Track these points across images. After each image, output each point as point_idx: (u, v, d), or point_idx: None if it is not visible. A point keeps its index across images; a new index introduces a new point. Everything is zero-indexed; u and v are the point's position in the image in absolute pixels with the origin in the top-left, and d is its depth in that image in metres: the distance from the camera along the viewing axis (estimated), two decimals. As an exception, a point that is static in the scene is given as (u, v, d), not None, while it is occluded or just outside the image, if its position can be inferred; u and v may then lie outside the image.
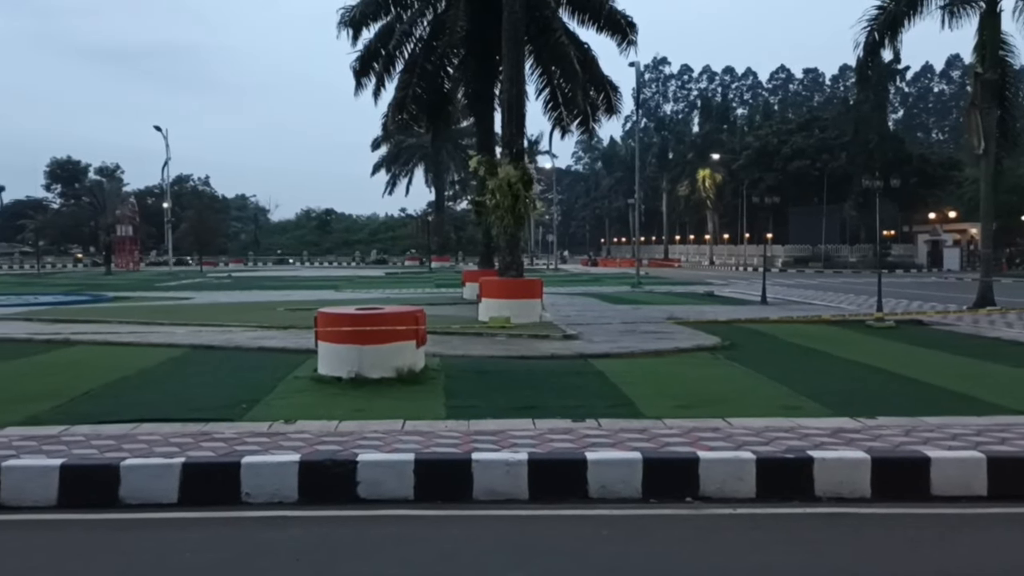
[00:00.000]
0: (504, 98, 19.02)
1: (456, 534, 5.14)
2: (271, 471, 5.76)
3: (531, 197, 18.10)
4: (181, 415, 7.50)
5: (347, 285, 35.52)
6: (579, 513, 5.47)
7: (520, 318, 15.46)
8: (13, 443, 6.39)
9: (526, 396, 8.55)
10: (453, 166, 77.76)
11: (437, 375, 9.84)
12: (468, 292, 23.36)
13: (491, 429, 6.87)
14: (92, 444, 6.38)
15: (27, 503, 5.59)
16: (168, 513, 5.52)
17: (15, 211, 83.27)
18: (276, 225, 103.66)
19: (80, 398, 8.45)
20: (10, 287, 34.52)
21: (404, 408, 7.80)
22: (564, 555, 4.76)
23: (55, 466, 5.73)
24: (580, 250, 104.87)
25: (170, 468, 5.76)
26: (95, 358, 11.61)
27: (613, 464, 5.83)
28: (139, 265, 64.99)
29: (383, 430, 6.85)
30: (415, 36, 25.53)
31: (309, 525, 5.27)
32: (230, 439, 6.55)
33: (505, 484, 5.75)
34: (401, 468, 5.78)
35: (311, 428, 6.95)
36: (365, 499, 5.69)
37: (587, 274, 53.56)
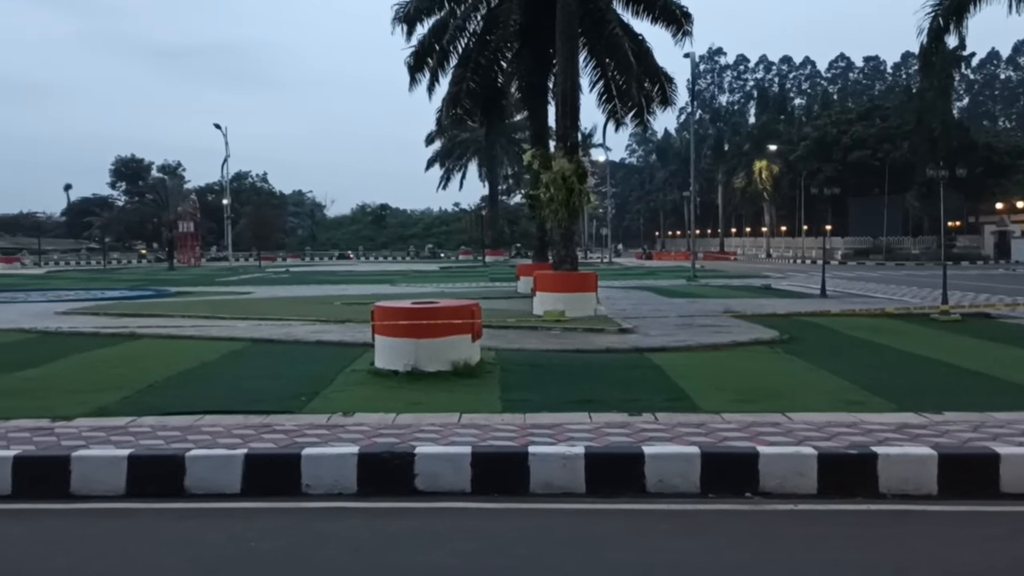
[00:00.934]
0: (558, 91, 18.95)
1: (513, 527, 5.15)
2: (330, 463, 5.84)
3: (585, 190, 18.02)
4: (243, 407, 7.64)
5: (402, 279, 35.84)
6: (636, 507, 5.44)
7: (575, 312, 15.41)
8: (83, 434, 6.59)
9: (582, 390, 8.52)
10: (507, 160, 77.78)
11: (493, 369, 9.86)
12: (522, 286, 23.40)
13: (547, 423, 6.86)
14: (158, 435, 6.54)
15: (97, 492, 5.75)
16: (231, 503, 5.63)
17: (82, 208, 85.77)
18: (332, 220, 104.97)
19: (146, 390, 8.66)
20: (78, 282, 35.56)
21: (460, 401, 7.84)
22: (622, 548, 4.73)
23: (123, 456, 5.89)
24: (634, 243, 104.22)
25: (233, 459, 5.87)
26: (159, 351, 11.90)
27: (671, 458, 5.78)
28: (200, 261, 66.35)
29: (440, 423, 6.89)
30: (469, 31, 25.55)
31: (368, 516, 5.34)
32: (290, 431, 6.66)
33: (562, 477, 5.74)
34: (458, 461, 5.81)
35: (369, 421, 7.02)
36: (423, 491, 5.73)
37: (641, 267, 53.21)
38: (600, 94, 25.21)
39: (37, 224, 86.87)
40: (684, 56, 33.34)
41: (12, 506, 5.61)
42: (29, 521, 5.36)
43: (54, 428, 6.82)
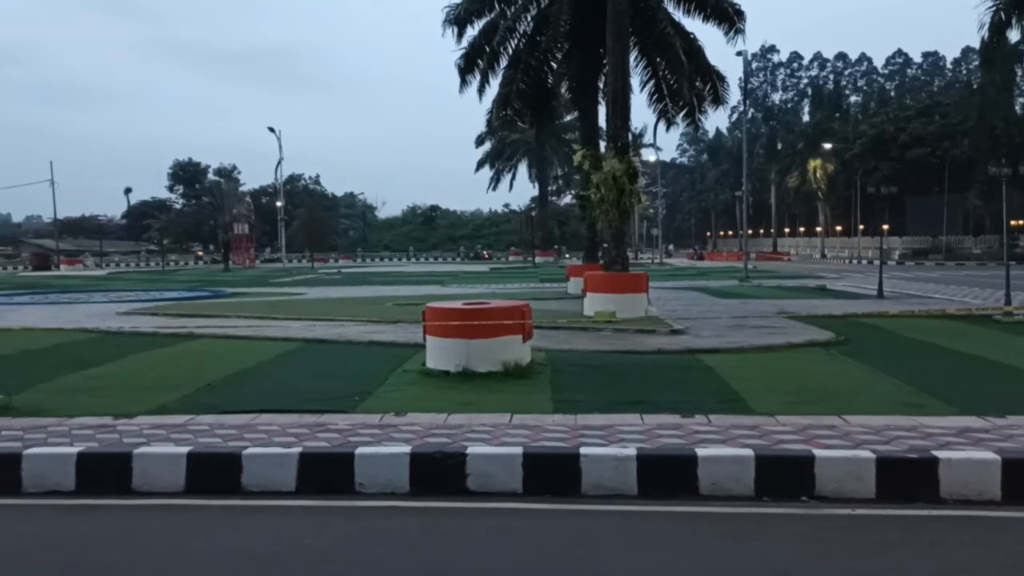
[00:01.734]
0: (608, 91, 18.87)
1: (566, 528, 5.14)
2: (383, 462, 5.89)
3: (636, 191, 17.91)
4: (297, 406, 7.75)
5: (452, 280, 36.02)
6: (690, 510, 5.38)
7: (626, 313, 15.33)
8: (144, 431, 6.74)
9: (633, 391, 8.47)
10: (556, 161, 77.74)
11: (543, 369, 9.86)
12: (573, 287, 23.35)
13: (599, 424, 6.84)
14: (216, 433, 6.67)
15: (157, 489, 5.88)
16: (286, 500, 5.71)
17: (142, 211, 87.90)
18: (383, 222, 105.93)
19: (204, 389, 8.83)
20: (138, 283, 36.44)
21: (511, 402, 7.85)
22: (676, 551, 4.69)
23: (182, 454, 6.01)
24: (685, 244, 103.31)
25: (288, 457, 5.96)
26: (216, 351, 12.13)
27: (724, 461, 5.72)
28: (255, 262, 67.48)
29: (491, 423, 6.91)
30: (519, 32, 25.61)
31: (420, 515, 5.37)
32: (344, 430, 6.73)
33: (614, 479, 5.72)
34: (510, 461, 5.82)
35: (421, 420, 7.07)
36: (474, 491, 5.75)
37: (693, 268, 52.72)
38: (651, 93, 25.08)
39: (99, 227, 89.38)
40: (736, 54, 33.03)
41: (76, 501, 5.77)
42: (92, 516, 5.49)
43: (116, 426, 6.99)
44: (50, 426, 6.99)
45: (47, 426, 6.99)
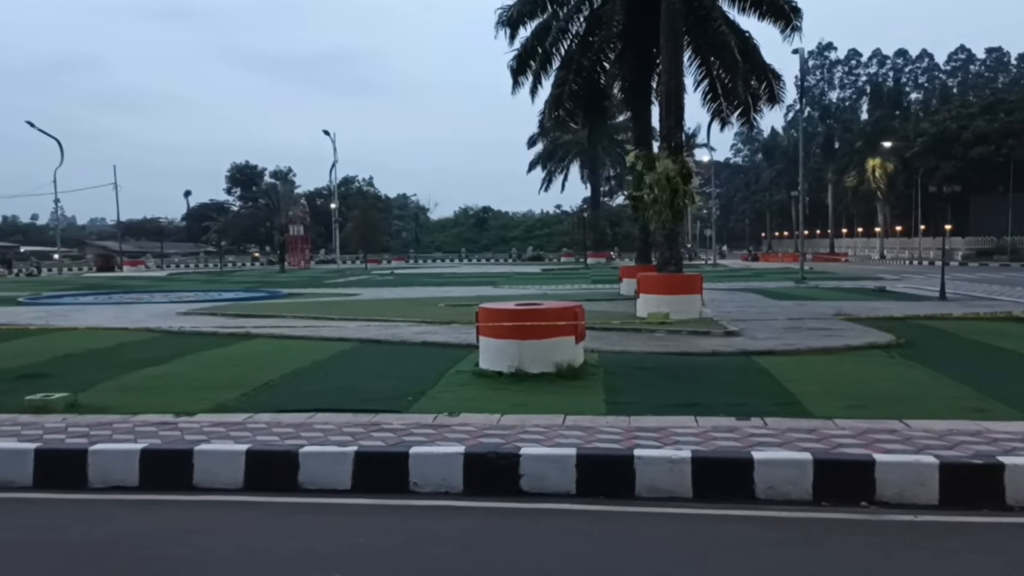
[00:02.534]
0: (662, 91, 18.73)
1: (620, 530, 5.11)
2: (437, 462, 5.93)
3: (690, 191, 17.75)
4: (352, 406, 7.83)
5: (504, 281, 36.07)
6: (745, 513, 5.32)
7: (679, 314, 15.20)
8: (204, 429, 6.89)
9: (687, 393, 8.40)
10: (609, 161, 77.35)
11: (596, 371, 9.82)
12: (625, 288, 23.24)
13: (652, 426, 6.79)
14: (273, 431, 6.78)
15: (217, 485, 6.01)
16: (342, 499, 5.78)
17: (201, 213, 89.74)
18: (435, 223, 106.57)
19: (261, 388, 8.98)
20: (197, 284, 37.21)
21: (564, 403, 7.83)
22: (731, 555, 4.64)
23: (241, 451, 6.13)
24: (739, 245, 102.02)
25: (344, 456, 6.03)
26: (273, 350, 12.32)
27: (781, 464, 5.63)
28: (310, 263, 68.41)
29: (544, 424, 6.91)
30: (571, 32, 25.54)
31: (475, 515, 5.39)
32: (398, 430, 6.79)
33: (668, 481, 5.67)
34: (563, 462, 5.81)
35: (474, 421, 7.10)
36: (528, 492, 5.76)
37: (747, 269, 52.04)
38: (705, 93, 24.82)
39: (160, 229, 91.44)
40: (793, 52, 32.47)
41: (139, 497, 5.92)
42: (155, 511, 5.63)
43: (178, 423, 7.15)
44: (114, 423, 7.18)
45: (112, 423, 7.18)
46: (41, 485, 6.14)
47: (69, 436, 6.69)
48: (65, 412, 7.66)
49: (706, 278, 20.06)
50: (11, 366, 10.72)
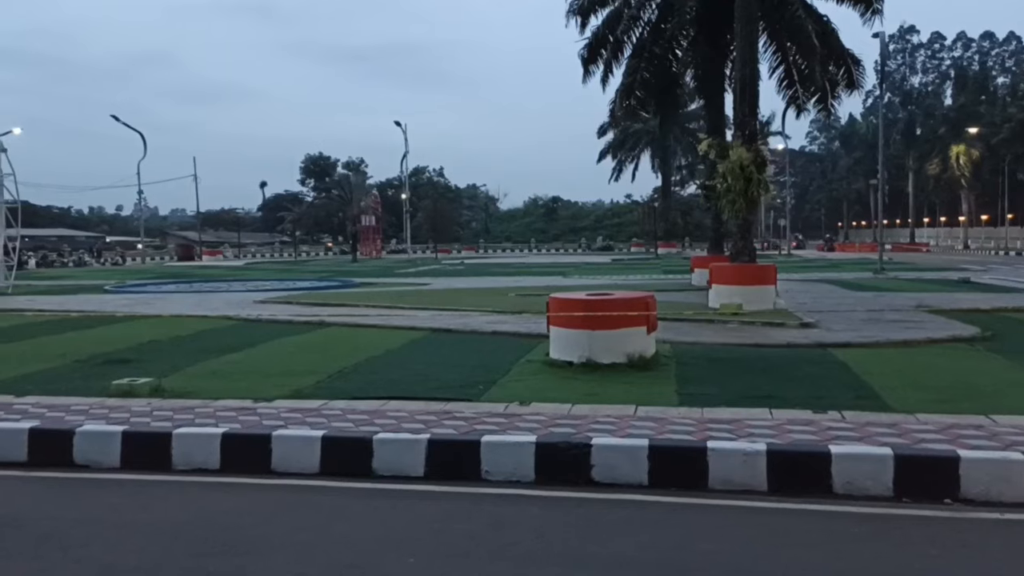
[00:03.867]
0: (736, 77, 18.39)
1: (693, 522, 5.07)
2: (509, 450, 5.96)
3: (764, 180, 17.38)
4: (424, 394, 7.92)
5: (574, 271, 35.99)
6: (823, 508, 5.21)
7: (753, 305, 14.95)
8: (281, 414, 7.05)
9: (761, 385, 8.26)
10: (680, 150, 76.32)
11: (668, 361, 9.73)
12: (697, 278, 22.97)
13: (726, 418, 6.70)
14: (348, 418, 6.90)
15: (294, 469, 6.15)
16: (415, 485, 5.86)
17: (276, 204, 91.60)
18: (505, 213, 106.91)
19: (336, 375, 9.15)
20: (272, 273, 38.07)
21: (636, 393, 7.78)
22: (807, 550, 4.55)
23: (317, 437, 6.26)
24: (814, 235, 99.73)
25: (417, 443, 6.10)
26: (346, 339, 12.53)
27: (861, 459, 5.50)
28: (381, 253, 69.34)
29: (616, 415, 6.87)
30: (643, 20, 25.24)
31: (546, 504, 5.40)
32: (469, 418, 6.84)
33: (742, 474, 5.59)
34: (635, 453, 5.78)
35: (545, 410, 7.10)
36: (599, 482, 5.74)
37: (823, 259, 50.88)
38: (780, 79, 24.27)
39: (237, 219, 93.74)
40: (873, 36, 31.36)
41: (220, 479, 6.10)
42: (236, 494, 5.79)
43: (256, 408, 7.34)
44: (196, 407, 7.40)
45: (194, 407, 7.40)
46: (128, 466, 6.37)
47: (154, 420, 6.92)
48: (150, 396, 7.93)
49: (780, 268, 19.66)
50: (99, 351, 11.14)
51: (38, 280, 32.91)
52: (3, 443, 6.58)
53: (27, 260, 45.58)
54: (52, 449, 6.50)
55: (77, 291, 25.79)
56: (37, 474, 6.29)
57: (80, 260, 58.14)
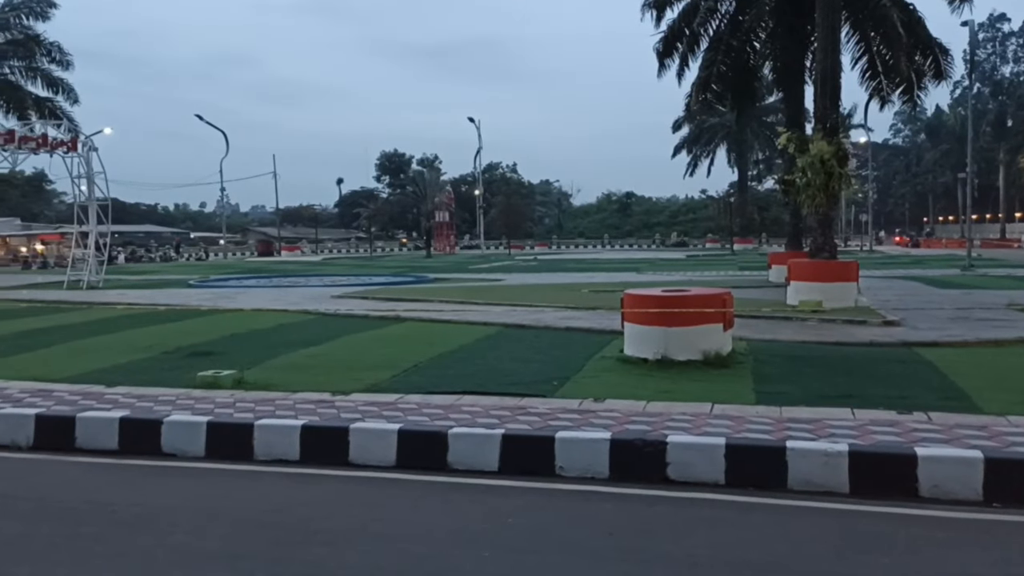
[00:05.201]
0: (817, 69, 17.94)
1: (771, 522, 4.98)
2: (583, 447, 5.94)
3: (845, 174, 16.95)
4: (498, 389, 7.95)
5: (648, 267, 35.67)
6: (907, 512, 5.05)
7: (833, 302, 14.59)
8: (358, 408, 7.17)
9: (842, 384, 8.06)
10: (757, 144, 75.06)
11: (745, 359, 9.57)
12: (774, 275, 22.54)
13: (805, 417, 6.56)
14: (423, 412, 6.97)
15: (371, 462, 6.25)
16: (489, 480, 5.89)
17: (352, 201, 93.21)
18: (578, 209, 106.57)
19: (411, 369, 9.26)
20: (348, 268, 38.74)
21: (712, 391, 7.68)
22: (891, 554, 4.42)
23: (394, 430, 6.34)
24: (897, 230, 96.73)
25: (491, 438, 6.14)
26: (421, 333, 12.67)
27: (948, 462, 5.32)
28: (454, 249, 69.90)
29: (691, 412, 6.79)
30: (720, 12, 24.87)
31: (620, 501, 5.37)
32: (543, 414, 6.84)
33: (823, 475, 5.47)
34: (712, 452, 5.70)
35: (620, 407, 7.06)
36: (674, 480, 5.68)
37: (907, 256, 49.32)
38: (863, 71, 23.61)
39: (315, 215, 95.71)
40: (962, 24, 30.30)
41: (299, 470, 6.23)
42: (314, 484, 5.91)
43: (334, 401, 7.48)
44: (277, 400, 7.58)
45: (274, 400, 7.59)
46: (212, 455, 6.57)
47: (237, 411, 7.12)
48: (232, 388, 8.15)
49: (862, 265, 19.14)
50: (184, 344, 11.51)
51: (127, 275, 34.20)
52: (96, 431, 6.86)
53: (117, 255, 47.35)
54: (141, 438, 6.75)
55: (163, 285, 26.71)
56: (127, 461, 6.54)
57: (166, 255, 60.18)
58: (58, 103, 36.94)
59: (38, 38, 36.55)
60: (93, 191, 27.41)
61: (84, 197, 27.52)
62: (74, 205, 29.06)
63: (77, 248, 28.89)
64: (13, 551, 4.64)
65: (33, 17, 36.53)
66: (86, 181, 27.24)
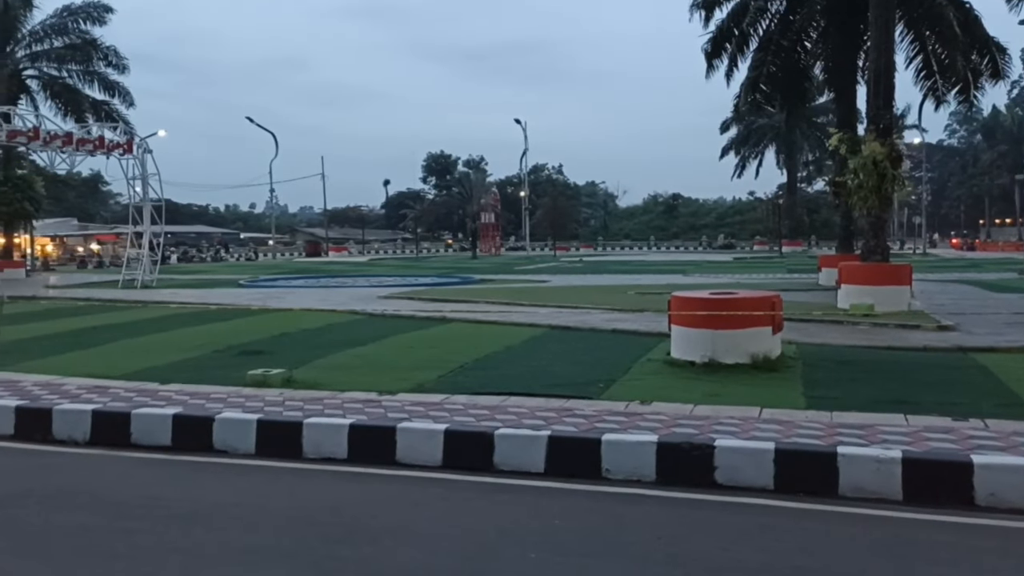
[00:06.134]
0: (870, 68, 17.62)
1: (821, 530, 4.90)
2: (630, 449, 5.91)
3: (899, 176, 16.60)
4: (544, 390, 7.95)
5: (694, 269, 35.38)
6: (962, 521, 4.94)
7: (885, 306, 14.33)
8: (405, 407, 7.22)
9: (895, 390, 7.90)
10: (807, 146, 74.07)
11: (794, 363, 9.44)
12: (824, 278, 22.22)
13: (857, 423, 6.45)
14: (469, 412, 7.00)
15: (417, 461, 6.29)
16: (535, 481, 5.88)
17: (398, 202, 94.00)
18: (624, 210, 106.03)
19: (457, 370, 9.30)
20: (395, 269, 39.04)
21: (760, 395, 7.58)
22: (944, 564, 4.33)
23: (440, 430, 6.37)
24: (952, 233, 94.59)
25: (537, 439, 6.14)
26: (467, 334, 12.72)
27: (1006, 470, 5.19)
28: (500, 250, 70.01)
29: (739, 416, 6.72)
30: (770, 12, 24.59)
31: (667, 505, 5.34)
32: (590, 416, 6.82)
33: (875, 482, 5.37)
34: (760, 456, 5.63)
35: (666, 410, 7.01)
36: (722, 485, 5.63)
37: (962, 259, 48.24)
38: (918, 70, 23.17)
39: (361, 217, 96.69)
40: (1020, 23, 29.51)
41: (347, 468, 6.29)
42: (362, 483, 5.97)
43: (381, 401, 7.54)
44: (325, 399, 7.67)
45: (322, 399, 7.67)
46: (262, 453, 6.67)
47: (286, 409, 7.21)
48: (282, 387, 8.26)
49: (915, 268, 18.78)
50: (234, 343, 11.71)
51: (179, 274, 34.88)
52: (151, 428, 7.01)
53: (169, 255, 48.32)
54: (193, 434, 6.87)
55: (214, 285, 27.19)
56: (180, 457, 6.67)
57: (217, 255, 61.23)
58: (114, 106, 37.79)
59: (95, 42, 37.41)
60: (147, 192, 28.03)
61: (139, 198, 28.17)
62: (129, 206, 29.75)
63: (131, 248, 29.55)
64: (72, 544, 4.76)
65: (90, 22, 37.38)
66: (140, 182, 27.89)
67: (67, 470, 6.48)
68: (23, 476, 6.34)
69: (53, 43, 37.61)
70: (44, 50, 37.65)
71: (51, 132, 25.68)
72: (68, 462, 6.69)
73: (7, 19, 36.07)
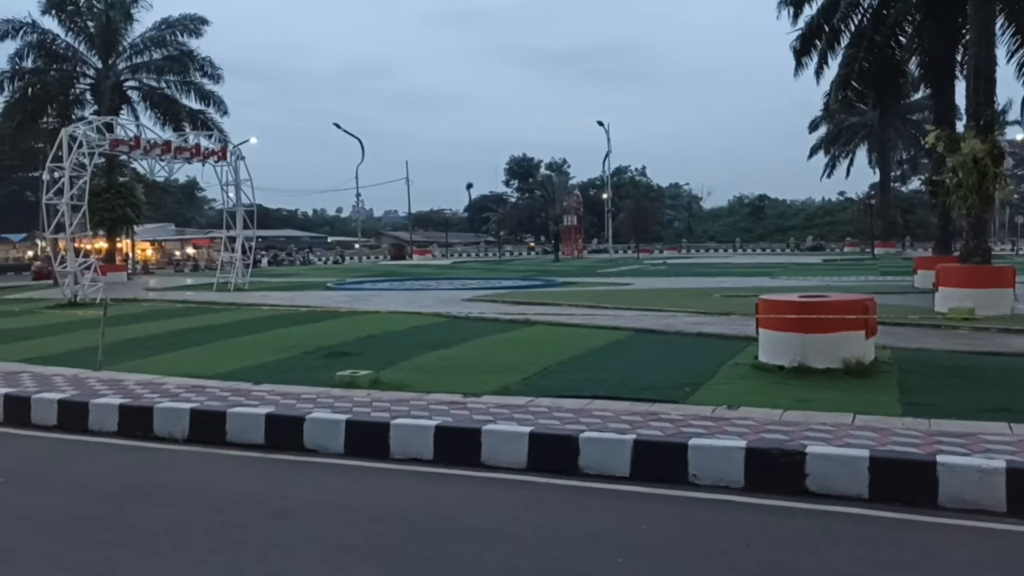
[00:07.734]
0: (969, 63, 16.96)
1: (917, 540, 4.73)
2: (718, 455, 5.82)
3: (1000, 174, 15.93)
4: (629, 394, 7.90)
5: (781, 272, 34.56)
6: (1073, 536, 4.71)
7: (986, 310, 13.75)
8: (490, 410, 7.27)
9: (998, 397, 7.58)
10: (901, 144, 71.60)
11: (889, 368, 9.15)
12: (920, 280, 21.45)
13: (957, 431, 6.21)
14: (554, 415, 7.00)
15: (502, 463, 6.33)
16: (620, 485, 5.86)
17: (481, 205, 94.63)
18: (708, 212, 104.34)
19: (541, 373, 9.31)
20: (478, 272, 39.30)
21: (853, 401, 7.38)
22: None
23: (525, 433, 6.40)
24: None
25: (623, 443, 6.10)
26: (550, 337, 12.72)
27: (1121, 484, 4.92)
28: (583, 253, 69.78)
29: (831, 423, 6.55)
30: (862, 7, 23.87)
31: (757, 512, 5.24)
32: (676, 420, 6.75)
33: (976, 493, 5.16)
34: (854, 464, 5.47)
35: (755, 415, 6.88)
36: (813, 492, 5.49)
37: (1069, 261, 45.90)
38: (1020, 64, 22.15)
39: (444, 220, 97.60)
40: None
41: (433, 469, 6.38)
42: (449, 484, 6.04)
43: (466, 403, 7.61)
44: (411, 400, 7.78)
45: (409, 400, 7.79)
46: (350, 453, 6.81)
47: (373, 410, 7.35)
48: (369, 388, 8.42)
49: (1019, 270, 17.96)
50: (323, 344, 11.98)
51: (270, 277, 35.89)
52: (246, 427, 7.24)
53: (260, 259, 49.73)
54: (285, 434, 7.07)
55: (303, 288, 27.86)
56: (272, 456, 6.86)
57: (305, 259, 62.78)
58: (209, 115, 39.11)
59: (191, 54, 38.79)
60: (240, 197, 28.92)
61: (232, 203, 29.11)
62: (223, 211, 30.76)
63: (225, 252, 30.53)
64: (173, 538, 4.95)
65: (187, 34, 38.79)
66: (234, 188, 28.79)
67: (167, 466, 6.74)
68: (127, 472, 6.63)
69: (152, 55, 39.16)
70: (144, 62, 39.22)
71: (151, 141, 26.70)
72: (168, 458, 6.96)
73: (109, 33, 37.72)
